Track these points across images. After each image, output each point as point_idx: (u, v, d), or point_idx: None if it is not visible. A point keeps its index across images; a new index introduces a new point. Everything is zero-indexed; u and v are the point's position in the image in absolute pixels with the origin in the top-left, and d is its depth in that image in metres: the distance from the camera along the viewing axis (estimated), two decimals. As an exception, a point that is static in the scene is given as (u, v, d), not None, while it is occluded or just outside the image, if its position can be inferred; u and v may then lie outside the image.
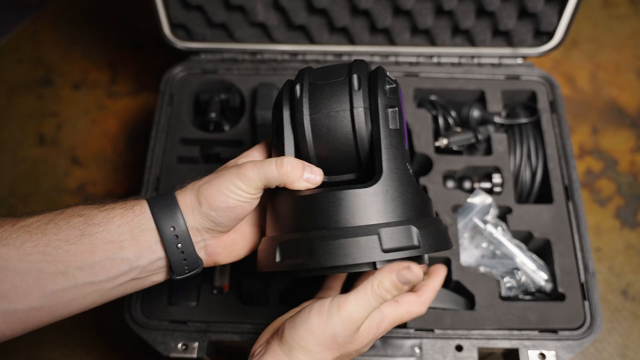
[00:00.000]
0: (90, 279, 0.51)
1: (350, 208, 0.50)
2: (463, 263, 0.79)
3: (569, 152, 0.86)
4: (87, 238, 0.50)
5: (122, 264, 0.52)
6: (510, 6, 0.87)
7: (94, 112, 1.15)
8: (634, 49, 1.21)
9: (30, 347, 0.92)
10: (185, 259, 0.54)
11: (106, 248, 0.51)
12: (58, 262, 0.50)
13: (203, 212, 0.53)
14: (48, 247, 0.49)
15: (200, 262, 0.56)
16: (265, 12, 0.90)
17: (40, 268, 0.49)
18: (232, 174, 0.52)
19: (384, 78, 0.55)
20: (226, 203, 0.52)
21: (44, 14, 1.28)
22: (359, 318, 0.50)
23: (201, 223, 0.54)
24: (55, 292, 0.50)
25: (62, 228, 0.50)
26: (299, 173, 0.52)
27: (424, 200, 0.54)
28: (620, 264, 0.98)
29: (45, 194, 1.06)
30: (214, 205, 0.52)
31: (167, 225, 0.52)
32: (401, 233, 0.49)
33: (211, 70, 0.94)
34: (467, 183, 0.85)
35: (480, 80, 0.93)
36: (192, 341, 0.73)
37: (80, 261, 0.50)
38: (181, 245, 0.53)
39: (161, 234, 0.52)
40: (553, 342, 0.72)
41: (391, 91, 0.54)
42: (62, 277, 0.50)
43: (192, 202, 0.53)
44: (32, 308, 0.50)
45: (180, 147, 0.88)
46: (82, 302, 0.52)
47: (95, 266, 0.51)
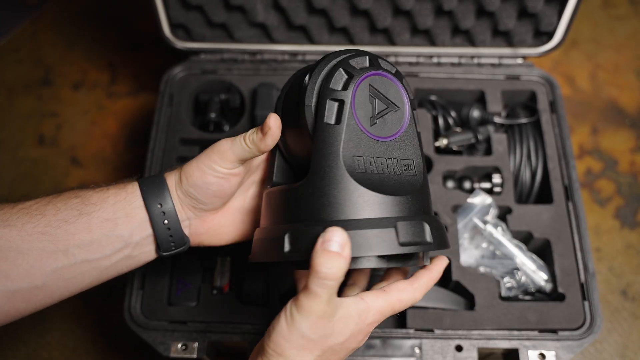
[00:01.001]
0: (89, 257, 0.53)
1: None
2: (463, 263, 0.79)
3: (568, 152, 0.86)
4: (84, 217, 0.53)
5: (117, 241, 0.54)
6: (510, 6, 0.87)
7: (94, 113, 1.15)
8: (634, 49, 1.21)
9: (30, 347, 0.92)
10: (172, 235, 0.56)
11: (102, 226, 0.53)
12: (58, 242, 0.52)
13: (184, 189, 0.56)
14: (48, 227, 0.52)
15: (187, 240, 0.58)
16: (265, 13, 0.90)
17: (41, 247, 0.51)
18: (209, 150, 0.55)
19: (340, 69, 0.52)
20: (202, 179, 0.55)
21: (44, 14, 1.28)
22: (319, 309, 0.47)
23: (184, 200, 0.56)
24: (56, 270, 0.52)
25: (61, 209, 0.53)
26: (259, 134, 0.53)
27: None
28: (620, 264, 0.98)
29: (45, 195, 1.06)
30: (191, 181, 0.55)
31: (154, 203, 0.55)
32: (415, 228, 0.50)
33: (211, 71, 0.94)
34: (467, 183, 0.85)
35: (480, 80, 0.93)
36: (192, 341, 0.73)
37: (79, 239, 0.53)
38: (167, 222, 0.56)
39: (149, 210, 0.55)
40: (553, 342, 0.72)
41: (344, 83, 0.52)
42: (62, 256, 0.52)
43: (176, 180, 0.56)
44: (34, 286, 0.51)
45: (180, 147, 0.88)
46: (81, 281, 0.54)
47: (93, 244, 0.53)
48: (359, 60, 0.53)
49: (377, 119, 0.52)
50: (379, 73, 0.53)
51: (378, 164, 0.52)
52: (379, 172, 0.52)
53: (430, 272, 0.55)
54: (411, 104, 0.55)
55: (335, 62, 0.53)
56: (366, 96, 0.52)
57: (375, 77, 0.53)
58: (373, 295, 0.51)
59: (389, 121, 0.53)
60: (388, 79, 0.53)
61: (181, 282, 0.77)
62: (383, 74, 0.53)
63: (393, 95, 0.53)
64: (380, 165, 0.52)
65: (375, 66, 0.53)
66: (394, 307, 0.53)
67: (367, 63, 0.53)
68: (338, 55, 0.54)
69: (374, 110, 0.53)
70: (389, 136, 0.53)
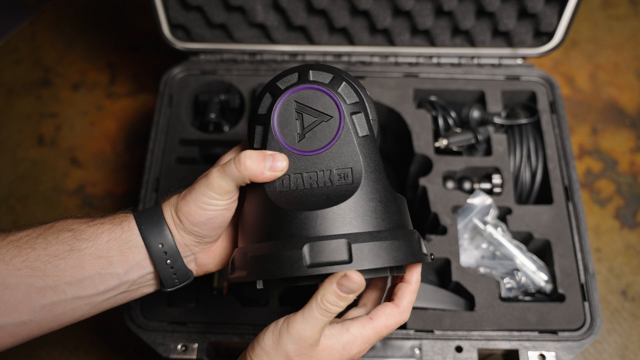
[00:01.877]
0: (80, 294, 0.51)
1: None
2: (463, 264, 0.79)
3: (568, 152, 0.86)
4: (76, 253, 0.51)
5: (112, 279, 0.52)
6: (510, 7, 0.87)
7: (93, 113, 1.15)
8: (634, 50, 1.21)
9: (30, 348, 0.92)
10: (175, 273, 0.54)
11: (95, 263, 0.51)
12: (47, 277, 0.50)
13: (186, 229, 0.53)
14: (37, 262, 0.50)
15: (191, 274, 0.56)
16: (265, 13, 0.90)
17: (30, 283, 0.49)
18: (202, 186, 0.52)
19: (267, 92, 0.54)
20: (205, 216, 0.52)
21: (43, 15, 1.28)
22: (308, 336, 0.48)
23: (188, 239, 0.54)
24: (45, 306, 0.50)
25: (51, 243, 0.51)
26: (261, 165, 0.50)
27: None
28: (620, 264, 0.98)
29: (45, 195, 1.06)
30: (194, 220, 0.53)
31: (155, 242, 0.53)
32: (331, 248, 0.48)
33: (211, 71, 0.94)
34: (467, 184, 0.85)
35: (480, 80, 0.93)
36: (192, 342, 0.72)
37: (70, 276, 0.50)
38: (170, 261, 0.54)
39: (150, 251, 0.52)
40: (553, 343, 0.72)
41: (268, 106, 0.53)
42: (52, 292, 0.50)
43: (174, 219, 0.53)
44: (21, 322, 0.50)
45: (179, 148, 0.88)
46: (71, 316, 0.53)
47: (85, 281, 0.51)
48: (287, 78, 0.53)
49: (305, 133, 0.52)
50: (304, 87, 0.53)
51: (306, 179, 0.52)
52: (306, 187, 0.52)
53: (410, 285, 0.54)
54: (353, 107, 0.53)
55: (264, 85, 0.55)
56: (291, 114, 0.53)
57: (301, 92, 0.53)
58: (359, 325, 0.51)
59: (320, 133, 0.52)
60: (315, 90, 0.53)
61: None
62: (310, 87, 0.53)
63: (322, 106, 0.53)
64: (309, 180, 0.52)
65: (302, 81, 0.53)
66: (380, 333, 0.52)
67: (296, 79, 0.53)
68: (276, 77, 0.54)
69: (301, 125, 0.53)
70: (321, 148, 0.52)
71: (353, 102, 0.53)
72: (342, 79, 0.53)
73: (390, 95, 0.91)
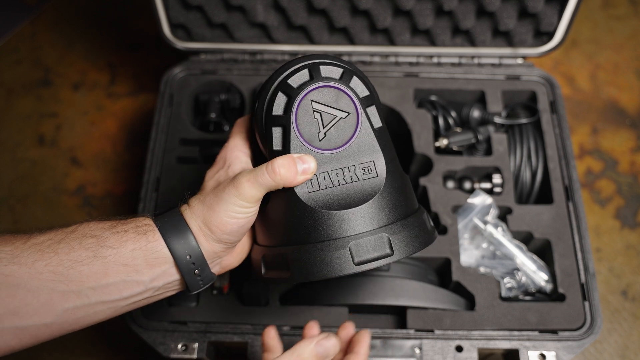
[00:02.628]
0: (104, 298, 0.51)
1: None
2: (463, 263, 0.79)
3: (569, 152, 0.86)
4: (100, 260, 0.51)
5: (137, 286, 0.52)
6: (511, 6, 0.87)
7: (93, 113, 1.15)
8: (634, 49, 1.21)
9: (29, 348, 0.92)
10: (202, 280, 0.55)
11: (119, 270, 0.51)
12: (70, 282, 0.50)
13: (217, 238, 0.54)
14: (60, 267, 0.50)
15: (214, 276, 0.57)
16: (265, 13, 0.90)
17: (52, 287, 0.49)
18: (232, 196, 0.52)
19: (280, 92, 0.54)
20: (238, 224, 0.53)
21: (43, 14, 1.28)
22: None
23: (217, 247, 0.55)
24: (67, 310, 0.50)
25: (74, 248, 0.50)
26: (294, 170, 0.51)
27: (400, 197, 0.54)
28: (620, 264, 0.98)
29: (45, 195, 1.06)
30: (227, 229, 0.53)
31: (183, 254, 0.53)
32: (374, 243, 0.51)
33: (211, 71, 0.94)
34: (467, 183, 0.85)
35: (481, 80, 0.93)
36: (192, 342, 0.72)
37: (94, 282, 0.50)
38: (198, 271, 0.54)
39: (177, 262, 0.53)
40: (553, 342, 0.72)
41: (285, 107, 0.54)
42: (75, 296, 0.50)
43: (203, 229, 0.54)
44: (43, 324, 0.50)
45: (180, 147, 0.88)
46: (93, 318, 0.53)
47: (109, 287, 0.51)
48: (297, 77, 0.53)
49: (326, 132, 0.53)
50: (318, 86, 0.53)
51: (334, 177, 0.53)
52: (335, 185, 0.53)
53: (366, 334, 0.60)
54: (366, 100, 0.54)
55: (275, 84, 0.54)
56: (309, 113, 0.53)
57: (316, 91, 0.53)
58: None
59: (340, 130, 0.53)
60: (330, 88, 0.53)
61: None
62: (324, 85, 0.53)
63: (339, 103, 0.53)
64: (336, 177, 0.53)
65: (315, 79, 0.53)
66: None
67: (307, 77, 0.53)
68: (282, 72, 0.54)
69: (320, 124, 0.53)
70: (343, 144, 0.53)
71: (365, 95, 0.54)
72: (351, 72, 0.54)
73: (390, 95, 0.91)
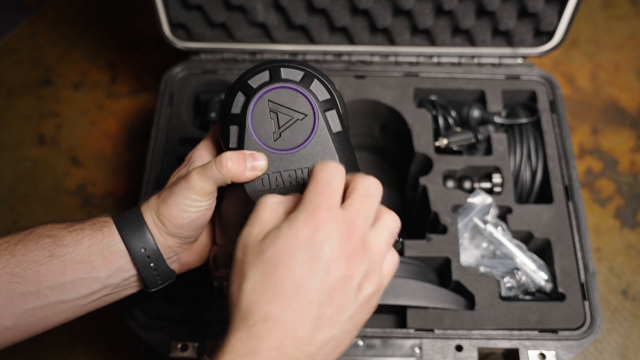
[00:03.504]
0: (62, 297, 0.51)
1: None
2: (463, 263, 0.79)
3: (569, 152, 0.86)
4: (56, 259, 0.51)
5: (94, 283, 0.52)
6: (510, 6, 0.87)
7: (94, 113, 1.15)
8: (634, 49, 1.21)
9: (30, 347, 0.92)
10: (159, 275, 0.55)
11: (76, 268, 0.51)
12: (28, 283, 0.50)
13: (169, 232, 0.54)
14: (17, 268, 0.49)
15: (173, 274, 0.57)
16: (265, 12, 0.90)
17: (11, 289, 0.49)
18: (182, 189, 0.52)
19: (239, 92, 0.54)
20: (188, 218, 0.53)
21: (43, 14, 1.28)
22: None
23: (171, 241, 0.55)
24: (27, 311, 0.50)
25: (31, 249, 0.50)
26: (242, 165, 0.51)
27: None
28: (621, 264, 0.98)
29: (45, 195, 1.06)
30: (177, 223, 0.53)
31: (137, 247, 0.53)
32: None
33: (211, 70, 0.94)
34: (467, 183, 0.85)
35: (480, 80, 0.93)
36: (192, 341, 0.72)
37: (51, 281, 0.50)
38: (154, 265, 0.54)
39: (132, 255, 0.53)
40: (553, 342, 0.72)
41: (242, 106, 0.54)
42: (33, 297, 0.50)
43: (157, 222, 0.54)
44: (4, 327, 0.50)
45: (180, 147, 0.88)
46: (54, 319, 0.53)
47: (67, 285, 0.51)
48: (258, 77, 0.54)
49: (281, 132, 0.53)
50: (277, 86, 0.53)
51: (285, 178, 0.53)
52: (286, 185, 0.53)
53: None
54: (325, 104, 0.54)
55: (236, 84, 0.55)
56: (265, 113, 0.53)
57: (274, 92, 0.53)
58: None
59: (296, 131, 0.53)
60: (289, 89, 0.53)
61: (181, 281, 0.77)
62: (283, 86, 0.53)
63: (296, 105, 0.54)
64: (288, 178, 0.53)
65: (274, 80, 0.53)
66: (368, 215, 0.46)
67: (267, 77, 0.54)
68: (246, 74, 0.55)
69: (276, 125, 0.53)
70: (297, 146, 0.53)
71: (325, 99, 0.54)
72: (313, 75, 0.54)
73: (390, 95, 0.91)
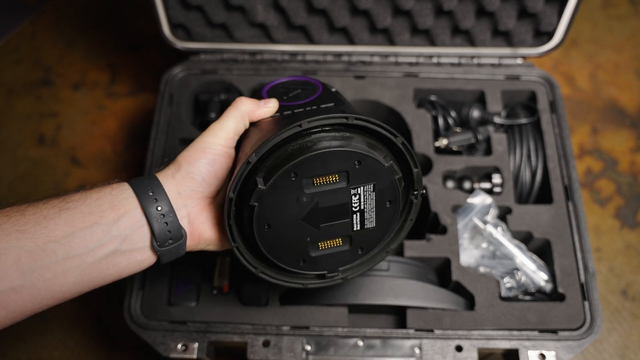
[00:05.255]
0: (70, 253, 0.50)
1: None
2: (463, 263, 0.79)
3: (568, 152, 0.86)
4: (65, 212, 0.51)
5: (102, 234, 0.51)
6: (510, 6, 0.87)
7: (94, 113, 1.15)
8: (634, 49, 1.21)
9: (30, 347, 0.92)
10: (169, 229, 0.53)
11: (85, 219, 0.51)
12: (37, 239, 0.49)
13: (184, 172, 0.55)
14: (27, 225, 0.49)
15: (184, 232, 0.55)
16: (265, 12, 0.90)
17: (19, 246, 0.48)
18: (203, 134, 0.58)
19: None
20: (205, 157, 0.56)
21: (43, 14, 1.28)
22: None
23: (183, 185, 0.55)
24: (34, 270, 0.49)
25: (40, 208, 0.51)
26: (256, 103, 0.59)
27: None
28: (620, 264, 0.98)
29: (45, 195, 1.05)
30: (193, 160, 0.55)
31: (145, 190, 0.53)
32: None
33: (211, 71, 0.94)
34: (466, 183, 0.85)
35: (480, 80, 0.93)
36: (192, 342, 0.72)
37: (59, 234, 0.50)
38: (161, 208, 0.53)
39: (140, 198, 0.52)
40: (553, 342, 0.72)
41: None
42: (42, 253, 0.49)
43: (172, 170, 0.56)
44: (11, 288, 0.48)
45: (180, 147, 0.88)
46: (63, 281, 0.51)
47: (75, 238, 0.50)
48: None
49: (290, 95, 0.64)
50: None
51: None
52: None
53: None
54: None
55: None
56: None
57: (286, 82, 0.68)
58: None
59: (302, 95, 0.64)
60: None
61: (181, 281, 0.77)
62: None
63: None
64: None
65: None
66: None
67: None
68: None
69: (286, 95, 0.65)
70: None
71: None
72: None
73: (390, 95, 0.91)
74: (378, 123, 0.53)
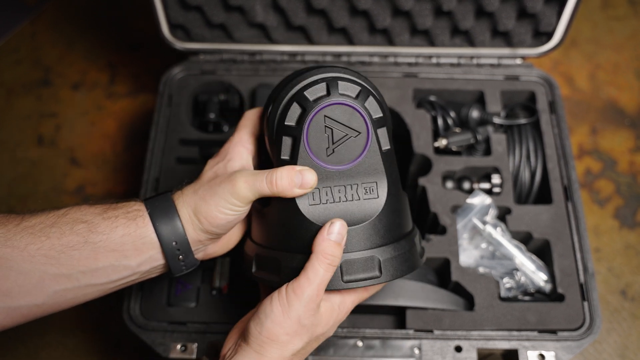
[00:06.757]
0: (93, 282, 0.53)
1: None
2: (462, 264, 0.79)
3: (568, 152, 0.86)
4: (90, 245, 0.52)
5: (124, 270, 0.54)
6: (510, 7, 0.87)
7: (93, 113, 1.15)
8: (633, 50, 1.21)
9: (30, 347, 0.92)
10: (185, 265, 0.57)
11: (109, 256, 0.53)
12: (61, 266, 0.51)
13: (204, 229, 0.55)
14: (52, 251, 0.51)
15: (197, 262, 0.59)
16: (265, 13, 0.90)
17: (44, 270, 0.51)
18: (225, 192, 0.53)
19: (295, 103, 0.54)
20: (225, 220, 0.55)
21: (43, 14, 1.28)
22: (315, 294, 0.51)
23: (203, 236, 0.56)
24: (58, 292, 0.52)
25: (66, 233, 0.52)
26: (292, 183, 0.53)
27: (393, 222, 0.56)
28: (620, 264, 0.98)
29: (44, 195, 1.06)
30: (214, 223, 0.55)
31: (169, 241, 0.54)
32: (364, 264, 0.53)
33: (210, 71, 0.94)
34: (466, 183, 0.85)
35: (480, 80, 0.93)
36: (192, 342, 0.73)
37: (84, 266, 0.52)
38: (182, 257, 0.56)
39: (164, 248, 0.54)
40: (552, 342, 0.72)
41: (298, 119, 0.54)
42: (65, 279, 0.52)
43: (192, 218, 0.55)
44: (34, 305, 0.52)
45: (179, 147, 0.88)
46: (82, 299, 0.55)
47: (99, 271, 0.53)
48: (314, 89, 0.53)
49: (335, 148, 0.53)
50: (334, 103, 0.53)
51: (335, 193, 0.54)
52: (336, 200, 0.54)
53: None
54: (378, 122, 0.54)
55: (291, 93, 0.54)
56: (321, 128, 0.53)
57: (330, 107, 0.53)
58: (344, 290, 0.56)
59: (348, 148, 0.54)
60: (345, 106, 0.53)
61: (180, 282, 0.77)
62: (341, 102, 0.53)
63: (351, 122, 0.53)
64: (337, 193, 0.54)
65: (332, 94, 0.53)
66: (362, 296, 0.58)
67: (324, 91, 0.53)
68: (300, 81, 0.54)
69: (330, 140, 0.53)
70: (349, 162, 0.54)
71: (378, 116, 0.54)
72: (368, 92, 0.54)
73: (389, 95, 0.91)
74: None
